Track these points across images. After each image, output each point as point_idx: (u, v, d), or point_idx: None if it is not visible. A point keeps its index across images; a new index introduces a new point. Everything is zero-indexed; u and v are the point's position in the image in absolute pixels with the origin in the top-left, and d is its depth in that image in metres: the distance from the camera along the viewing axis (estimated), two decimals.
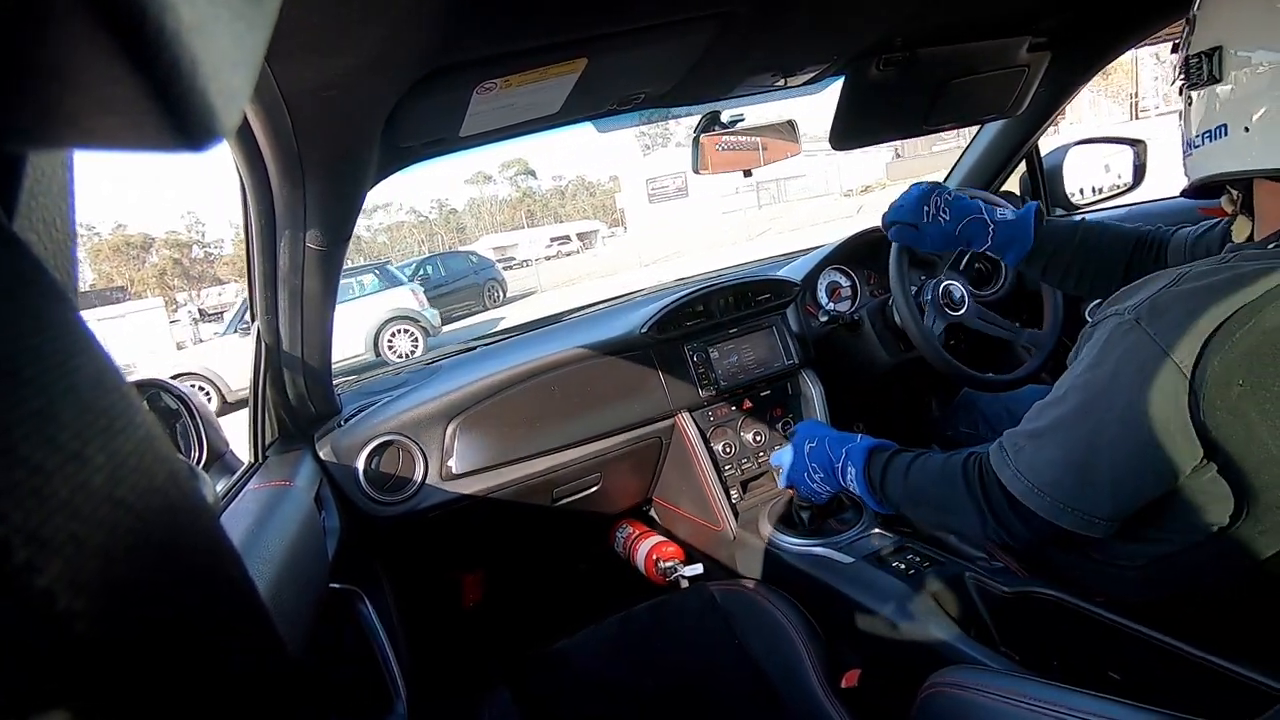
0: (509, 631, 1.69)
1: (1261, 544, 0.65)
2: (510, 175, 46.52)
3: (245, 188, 0.81)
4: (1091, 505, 0.70)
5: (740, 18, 0.79)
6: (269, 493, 0.92)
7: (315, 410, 1.23)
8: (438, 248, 37.79)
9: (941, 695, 0.79)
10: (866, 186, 22.42)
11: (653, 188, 24.92)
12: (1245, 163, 0.67)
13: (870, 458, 0.97)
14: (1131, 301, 0.68)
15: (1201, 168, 0.73)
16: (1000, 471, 0.77)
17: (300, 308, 1.01)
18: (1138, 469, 0.67)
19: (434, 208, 47.23)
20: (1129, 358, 0.66)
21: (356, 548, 1.26)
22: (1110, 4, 1.14)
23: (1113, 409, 0.67)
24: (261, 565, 0.69)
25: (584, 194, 46.63)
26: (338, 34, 0.53)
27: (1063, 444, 0.71)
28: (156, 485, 0.17)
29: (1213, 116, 0.69)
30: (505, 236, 28.39)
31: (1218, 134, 0.69)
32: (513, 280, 15.73)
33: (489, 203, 46.46)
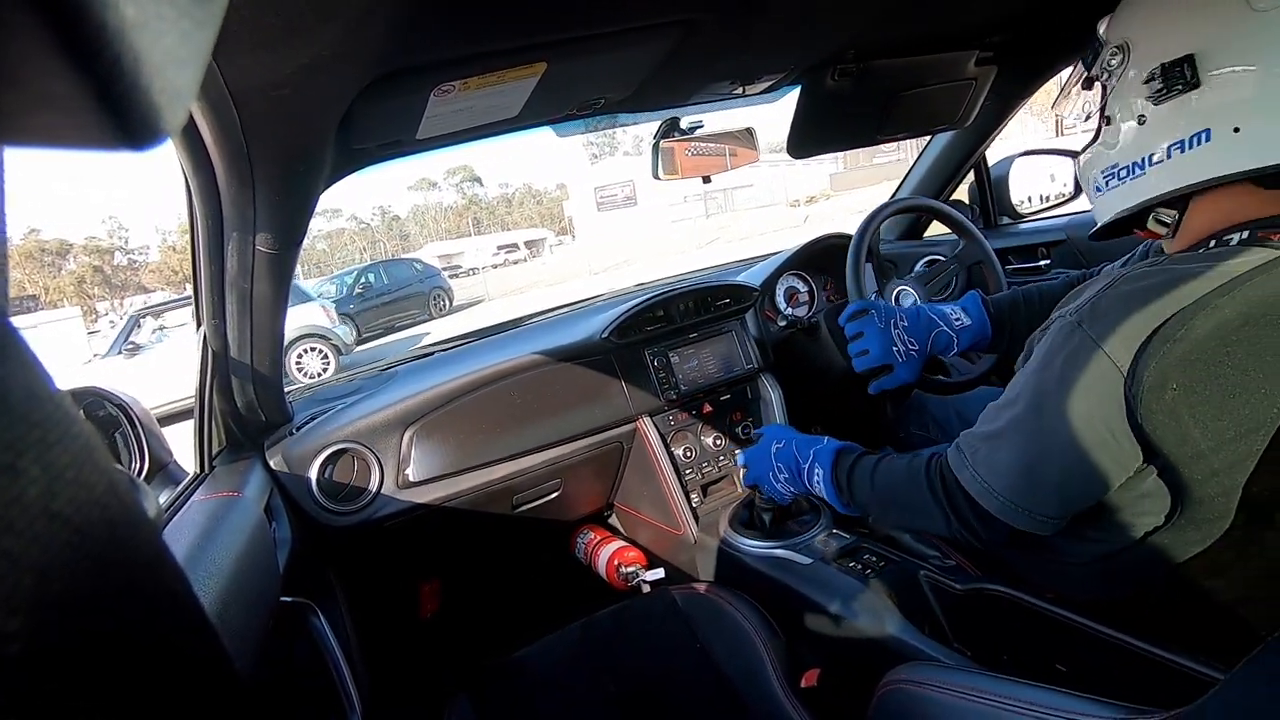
0: (468, 641, 1.67)
1: (1194, 539, 0.68)
2: (456, 182, 45.92)
3: (191, 189, 0.78)
4: (1042, 506, 0.72)
5: (700, 26, 0.80)
6: (216, 504, 0.88)
7: (265, 418, 1.20)
8: (380, 256, 37.15)
9: (898, 692, 0.81)
10: (812, 197, 23.03)
11: (601, 196, 24.99)
12: (1232, 165, 0.68)
13: (837, 460, 0.99)
14: (1075, 304, 0.70)
15: (1160, 184, 0.74)
16: (959, 473, 0.79)
17: (250, 312, 0.98)
18: (1084, 469, 0.69)
19: (376, 214, 46.17)
20: (1072, 359, 0.68)
21: (309, 559, 1.22)
22: (1050, 23, 1.19)
23: (1059, 411, 0.69)
24: (208, 579, 0.66)
25: (531, 202, 46.33)
26: (290, 32, 0.52)
27: (1015, 446, 0.74)
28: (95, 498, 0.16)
29: (1190, 124, 0.70)
30: (451, 244, 28.17)
31: (1195, 142, 0.70)
32: (460, 289, 15.51)
33: (434, 210, 45.72)
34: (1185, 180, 0.72)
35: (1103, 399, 0.66)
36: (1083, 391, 0.67)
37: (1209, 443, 0.62)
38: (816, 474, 1.01)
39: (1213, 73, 0.67)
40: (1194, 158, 0.70)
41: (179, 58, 0.15)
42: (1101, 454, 0.68)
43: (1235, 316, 0.60)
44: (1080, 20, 1.21)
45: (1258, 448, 0.62)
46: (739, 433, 1.57)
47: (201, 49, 0.16)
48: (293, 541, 1.07)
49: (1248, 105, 0.66)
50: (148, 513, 0.19)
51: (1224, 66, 0.66)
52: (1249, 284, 0.60)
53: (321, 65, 0.58)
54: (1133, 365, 0.63)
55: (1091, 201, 0.85)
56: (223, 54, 0.52)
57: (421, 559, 1.64)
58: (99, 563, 0.16)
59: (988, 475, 0.75)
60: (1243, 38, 0.65)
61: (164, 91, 0.14)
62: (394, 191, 52.90)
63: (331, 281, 12.48)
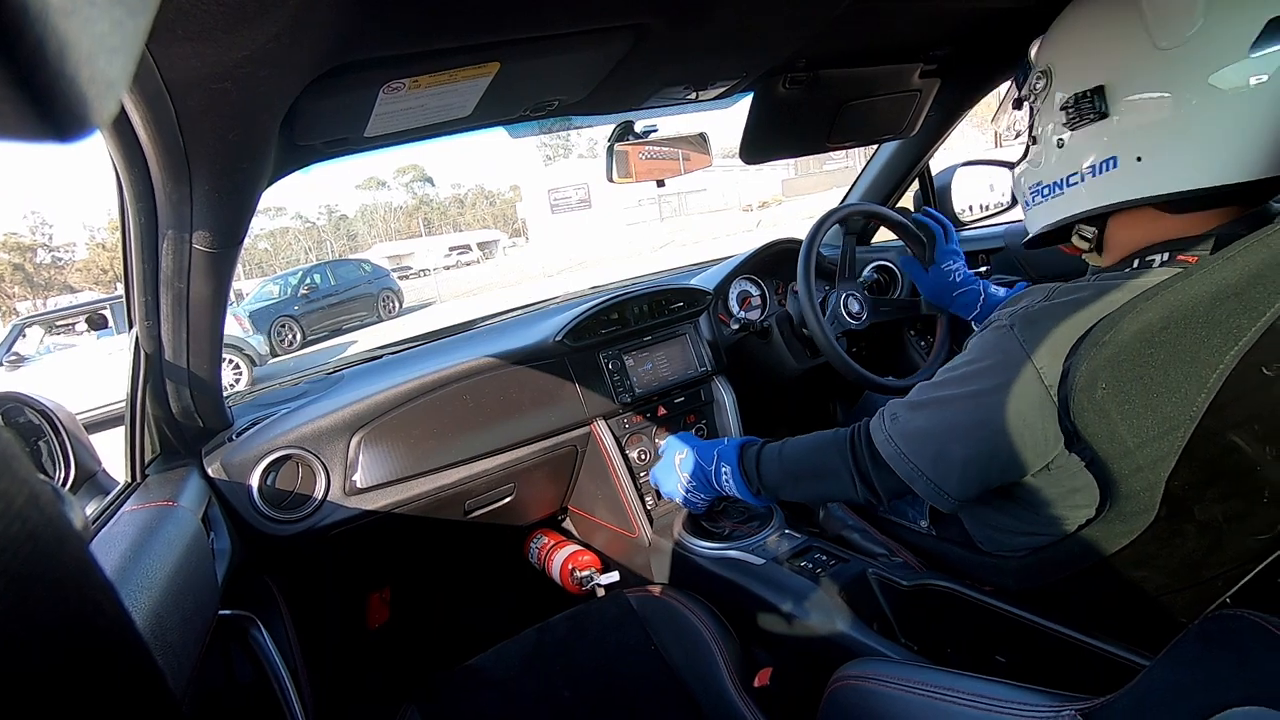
0: (420, 649, 1.63)
1: (1121, 531, 0.72)
2: (406, 181, 45.08)
3: (122, 184, 0.74)
4: (942, 479, 0.78)
5: (653, 31, 0.81)
6: (149, 514, 0.84)
7: (203, 424, 1.15)
8: (326, 256, 36.22)
9: (847, 687, 0.83)
10: (764, 202, 23.59)
11: (555, 198, 24.87)
12: (1136, 191, 0.73)
13: (742, 453, 1.04)
14: (1010, 309, 0.75)
15: (1078, 203, 0.79)
16: (875, 434, 0.86)
17: (186, 313, 0.94)
18: (986, 456, 0.75)
19: (322, 213, 44.89)
20: (999, 358, 0.73)
21: (251, 570, 1.18)
22: (988, 40, 1.24)
23: (975, 399, 0.74)
24: (140, 594, 0.63)
25: (484, 203, 45.81)
26: (231, 22, 0.50)
27: (930, 419, 0.79)
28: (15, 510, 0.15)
29: (1100, 151, 0.75)
30: (401, 245, 27.79)
31: (1104, 168, 0.75)
32: (410, 290, 15.30)
33: (383, 209, 44.74)
34: (1096, 203, 0.77)
35: (1019, 397, 0.70)
36: (1004, 389, 0.71)
37: (1135, 439, 0.66)
38: (724, 471, 1.05)
39: (1120, 104, 0.72)
40: (1103, 182, 0.76)
41: (110, 46, 0.14)
42: (1006, 446, 0.72)
43: (1157, 320, 0.64)
44: (1016, 39, 1.27)
45: (1178, 444, 0.66)
46: (693, 435, 1.58)
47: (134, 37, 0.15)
48: (232, 552, 1.03)
49: (1150, 136, 0.71)
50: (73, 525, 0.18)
51: (1129, 99, 0.71)
52: (1169, 290, 0.64)
53: (265, 58, 0.56)
54: (1062, 370, 0.67)
55: (1024, 214, 0.90)
56: (158, 43, 0.49)
57: (370, 567, 1.59)
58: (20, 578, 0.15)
59: (899, 439, 0.81)
60: (1146, 73, 0.70)
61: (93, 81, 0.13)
62: (341, 190, 51.64)
63: (275, 282, 11.98)
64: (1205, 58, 0.65)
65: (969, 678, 0.71)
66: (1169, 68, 0.68)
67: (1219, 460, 0.68)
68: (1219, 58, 0.65)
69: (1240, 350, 0.64)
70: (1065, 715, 0.59)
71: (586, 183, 24.34)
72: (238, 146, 0.70)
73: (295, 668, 1.04)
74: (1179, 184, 0.70)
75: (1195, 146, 0.68)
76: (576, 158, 30.67)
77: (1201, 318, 0.63)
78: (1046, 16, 0.82)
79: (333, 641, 1.46)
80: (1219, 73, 0.65)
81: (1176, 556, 0.72)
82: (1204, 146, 0.68)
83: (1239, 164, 0.67)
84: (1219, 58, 0.65)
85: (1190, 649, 0.53)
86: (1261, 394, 0.67)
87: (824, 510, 1.28)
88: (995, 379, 0.73)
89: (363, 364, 1.58)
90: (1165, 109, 0.69)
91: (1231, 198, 0.69)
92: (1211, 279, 0.63)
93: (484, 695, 1.20)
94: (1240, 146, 0.66)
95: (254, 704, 0.93)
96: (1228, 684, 0.48)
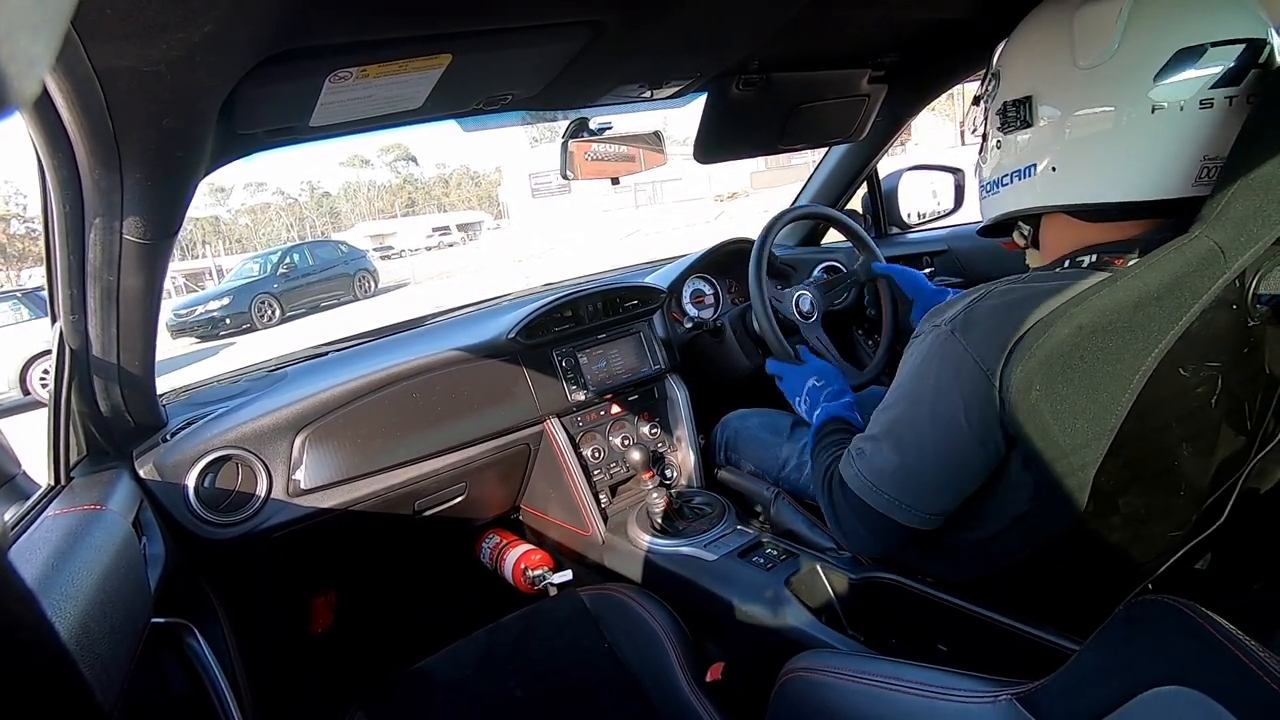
0: (367, 653, 1.59)
1: (1054, 525, 0.76)
2: (390, 160, 43.93)
3: (44, 168, 0.70)
4: (920, 502, 0.78)
5: (608, 28, 0.81)
6: (74, 519, 0.80)
7: (134, 423, 1.09)
8: (308, 233, 35.18)
9: (796, 679, 0.85)
10: (733, 194, 23.85)
11: (536, 182, 24.78)
12: (1049, 199, 0.77)
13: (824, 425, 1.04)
14: (948, 314, 0.76)
15: (1008, 203, 0.83)
16: (845, 473, 0.85)
17: (116, 307, 0.89)
18: (957, 468, 0.75)
19: (305, 190, 43.45)
20: (946, 366, 0.74)
21: (186, 576, 1.13)
22: (932, 48, 1.28)
23: (934, 413, 0.75)
24: (64, 602, 0.60)
25: (470, 183, 45.05)
26: (165, 2, 0.48)
27: (895, 447, 0.79)
28: None
29: (1022, 158, 0.79)
30: (383, 224, 27.26)
31: (1026, 173, 0.79)
32: (392, 270, 15.60)
33: (366, 188, 43.53)
34: (1019, 205, 0.82)
35: (972, 400, 0.71)
36: (954, 394, 0.73)
37: (1066, 438, 0.69)
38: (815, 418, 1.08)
39: (1041, 116, 0.76)
40: (1025, 187, 0.80)
41: (30, 24, 0.13)
42: (972, 454, 0.74)
43: (1087, 324, 0.67)
44: (961, 48, 1.32)
45: (1105, 443, 0.69)
46: (647, 432, 1.59)
47: (58, 15, 0.14)
48: (166, 557, 0.98)
49: (1065, 149, 0.75)
50: None
51: (1050, 112, 0.75)
52: (1097, 295, 0.68)
53: (202, 42, 0.53)
54: (1001, 369, 0.69)
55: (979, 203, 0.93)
56: (85, 23, 0.47)
57: (314, 569, 1.55)
58: None
59: (870, 474, 0.81)
60: (1065, 89, 0.74)
61: (12, 59, 0.13)
62: (324, 166, 50.02)
63: (255, 261, 12.15)
64: (1118, 80, 0.69)
65: (912, 666, 0.73)
66: (1086, 86, 0.72)
67: (1142, 457, 0.72)
68: (1130, 81, 0.69)
69: (1160, 352, 0.67)
70: (1002, 699, 0.61)
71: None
72: (173, 133, 0.67)
73: (234, 676, 1.00)
74: (1089, 196, 0.74)
75: (1105, 163, 0.72)
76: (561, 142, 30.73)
77: (1125, 322, 0.67)
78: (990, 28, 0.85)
79: (273, 647, 1.42)
80: (1130, 96, 0.69)
81: (1104, 547, 0.76)
82: (1113, 163, 0.72)
83: (1147, 183, 0.71)
84: (1130, 81, 0.69)
85: (1116, 633, 0.56)
86: (1180, 394, 0.71)
87: (774, 506, 1.30)
88: (944, 388, 0.74)
89: (306, 361, 1.53)
90: (1080, 125, 0.73)
91: (1143, 212, 0.73)
92: (1135, 285, 0.67)
93: (434, 697, 1.18)
94: (1148, 166, 0.70)
95: (190, 715, 0.90)
96: (1150, 665, 0.51)
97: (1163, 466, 0.74)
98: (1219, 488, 0.78)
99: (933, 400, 0.75)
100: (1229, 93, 0.67)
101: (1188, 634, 0.51)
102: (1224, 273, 0.67)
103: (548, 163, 25.13)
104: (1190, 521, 0.78)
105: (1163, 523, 0.77)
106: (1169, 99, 0.67)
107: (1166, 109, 0.68)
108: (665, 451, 1.60)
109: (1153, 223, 0.74)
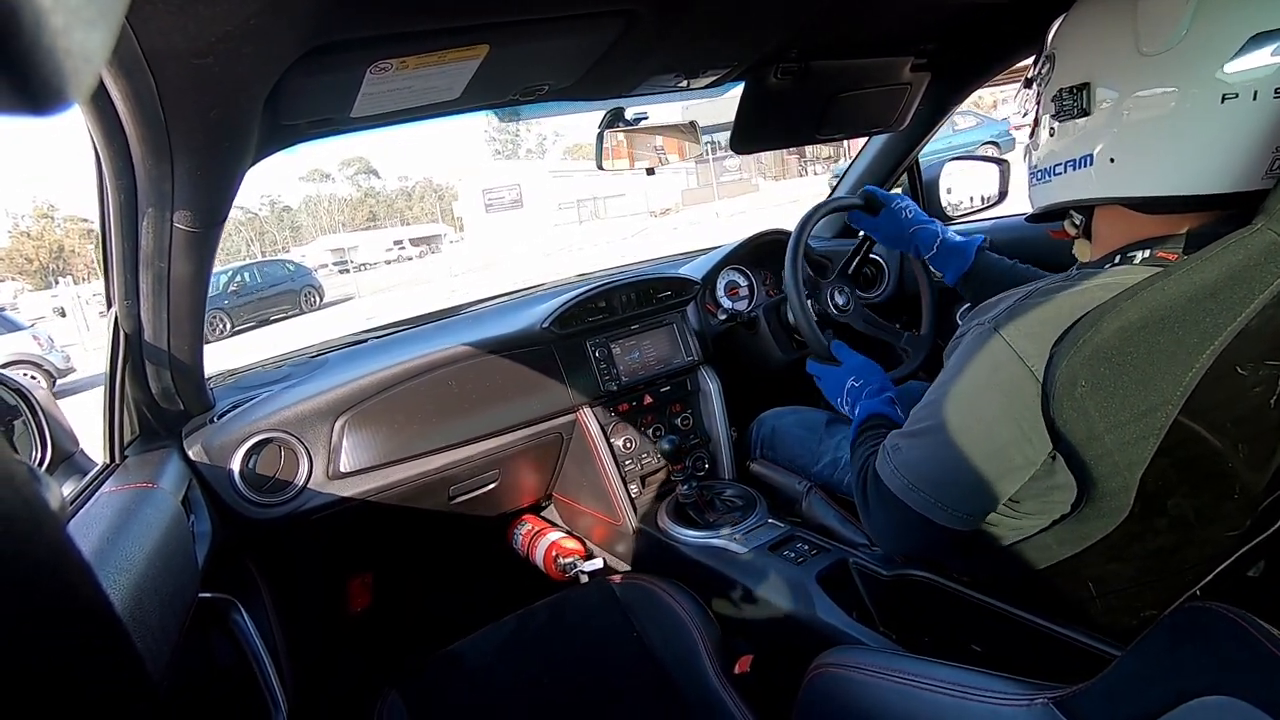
0: (401, 635, 1.63)
1: (1097, 527, 0.73)
2: (350, 174, 44.51)
3: (100, 160, 0.73)
4: (959, 501, 0.76)
5: (643, 17, 0.80)
6: (128, 495, 0.83)
7: (183, 406, 1.13)
8: (269, 247, 36.92)
9: (826, 675, 0.84)
10: (666, 209, 24.62)
11: (489, 198, 25.85)
12: (1107, 190, 0.74)
13: (863, 423, 1.02)
14: (992, 312, 0.74)
15: (1060, 193, 0.80)
16: (881, 469, 0.83)
17: (167, 293, 0.92)
18: (998, 467, 0.73)
19: (265, 204, 44.26)
20: (989, 363, 0.72)
21: (232, 554, 1.17)
22: (977, 35, 1.24)
23: (976, 411, 0.73)
24: (118, 576, 0.63)
25: (432, 196, 45.37)
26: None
27: (935, 445, 0.77)
28: None
29: (1078, 147, 0.75)
30: (344, 238, 28.56)
31: (1082, 164, 0.75)
32: (346, 285, 17.55)
33: (327, 201, 44.27)
34: (1074, 196, 0.78)
35: (1015, 398, 0.69)
36: (997, 392, 0.71)
37: (1112, 437, 0.67)
38: (856, 412, 1.06)
39: (1100, 104, 0.72)
40: (1080, 177, 0.76)
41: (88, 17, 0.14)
42: (1014, 452, 0.71)
43: (1136, 319, 0.64)
44: (1005, 35, 1.28)
45: (1154, 442, 0.67)
46: (678, 424, 1.58)
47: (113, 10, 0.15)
48: (213, 535, 1.02)
49: (1125, 139, 0.71)
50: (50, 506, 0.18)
51: (1109, 100, 0.72)
52: (1149, 289, 0.65)
53: (248, 34, 0.55)
54: (1046, 366, 0.67)
55: (1028, 190, 0.90)
56: (139, 16, 0.48)
57: (352, 552, 1.59)
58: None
59: (907, 471, 0.79)
60: (1127, 76, 0.70)
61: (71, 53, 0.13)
62: (284, 181, 51.00)
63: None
64: (1186, 67, 0.66)
65: (945, 666, 0.72)
66: (1150, 74, 0.68)
67: (1193, 459, 0.69)
68: (1200, 68, 0.65)
69: (1216, 350, 0.65)
70: (1038, 703, 0.60)
71: (519, 184, 25.47)
72: (220, 124, 0.69)
73: (276, 651, 1.03)
74: (1149, 189, 0.71)
75: (1170, 154, 0.69)
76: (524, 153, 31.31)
77: (1179, 317, 0.64)
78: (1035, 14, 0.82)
79: (313, 625, 1.46)
80: (1198, 84, 0.65)
81: (1149, 551, 0.74)
82: (1178, 155, 0.68)
83: (1215, 175, 0.67)
84: (1200, 68, 0.65)
85: (1160, 640, 0.54)
86: (1235, 394, 0.68)
87: (806, 500, 1.29)
88: (987, 386, 0.72)
89: (347, 347, 1.56)
90: (1142, 114, 0.69)
91: (1206, 205, 0.70)
92: (1190, 279, 0.64)
93: (464, 681, 1.20)
94: (1216, 158, 0.67)
95: (234, 686, 0.93)
96: (1195, 675, 0.50)
97: (1215, 469, 0.71)
98: (1275, 491, 0.75)
99: (974, 397, 0.73)
100: None
101: (1237, 642, 0.49)
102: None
103: (503, 177, 26.12)
104: (1243, 526, 0.75)
105: (1213, 527, 0.74)
106: (1241, 87, 0.64)
107: (1238, 98, 0.64)
108: (697, 443, 1.60)
109: (1211, 215, 0.71)
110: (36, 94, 0.13)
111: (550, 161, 33.89)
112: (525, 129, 13.03)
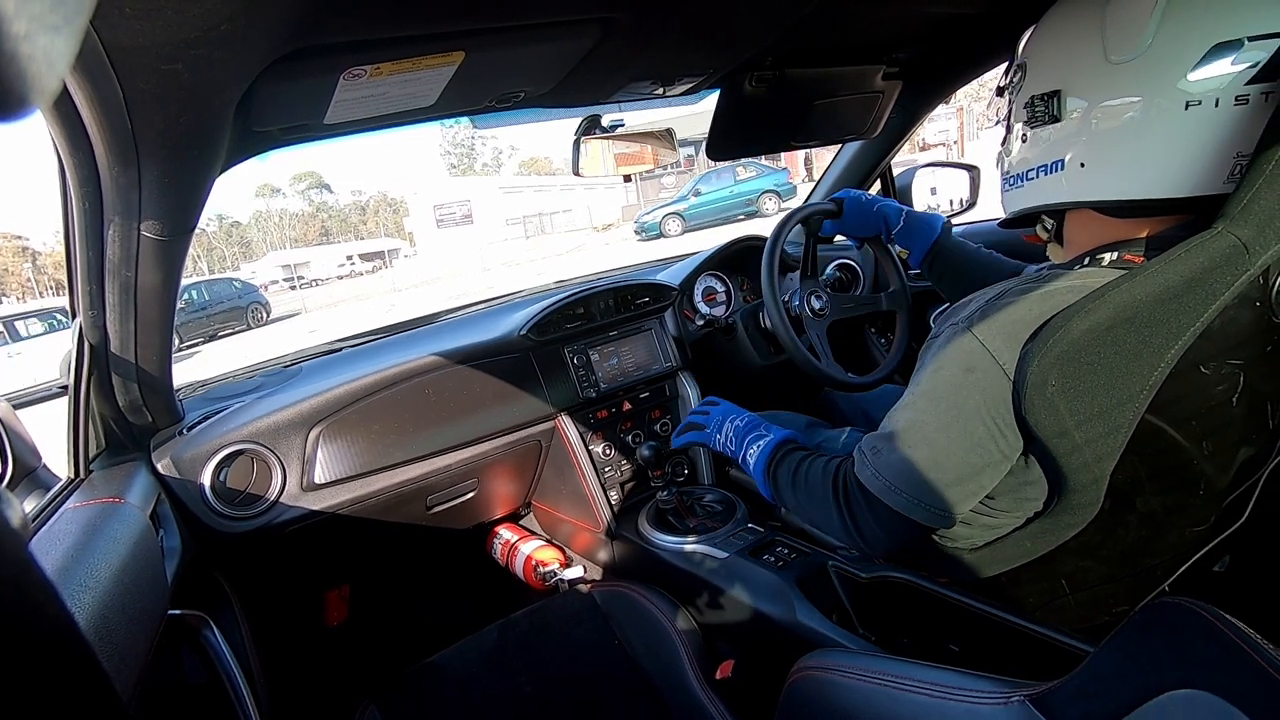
0: (380, 648, 1.61)
1: (1068, 523, 0.75)
2: (302, 189, 44.03)
3: (65, 167, 0.71)
4: (939, 500, 0.77)
5: (620, 25, 0.80)
6: (93, 511, 0.81)
7: (151, 419, 1.11)
8: (216, 263, 37.35)
9: (807, 678, 0.84)
10: (609, 224, 25.26)
11: (440, 213, 26.31)
12: (1077, 194, 0.76)
13: (774, 453, 1.00)
14: (965, 313, 0.76)
15: (1033, 198, 0.82)
16: (860, 473, 0.83)
17: (134, 303, 0.90)
18: (974, 465, 0.74)
19: (212, 220, 43.61)
20: (963, 362, 0.73)
21: (202, 569, 1.14)
22: (948, 44, 1.27)
23: (953, 410, 0.74)
24: (83, 594, 0.61)
25: (386, 210, 45.18)
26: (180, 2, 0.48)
27: (913, 445, 0.78)
28: None
29: (1050, 153, 0.77)
30: (296, 254, 28.83)
31: (1054, 168, 0.77)
32: (296, 301, 18.06)
33: (278, 216, 43.76)
34: (1045, 200, 0.80)
35: (989, 395, 0.71)
36: (972, 390, 0.72)
37: (1082, 434, 0.68)
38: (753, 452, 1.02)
39: (1071, 111, 0.74)
40: (1051, 182, 0.78)
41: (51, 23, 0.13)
42: (991, 447, 0.73)
43: (1104, 320, 0.66)
44: (976, 44, 1.31)
45: (1123, 439, 0.68)
46: (657, 430, 1.58)
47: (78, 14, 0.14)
48: (183, 550, 1.00)
49: (1093, 145, 0.73)
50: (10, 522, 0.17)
51: (1078, 107, 0.74)
52: (1115, 290, 0.67)
53: (219, 39, 0.54)
54: (1018, 365, 0.69)
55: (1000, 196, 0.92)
56: (104, 21, 0.47)
57: (328, 564, 1.56)
58: None
59: (888, 473, 0.79)
60: (1096, 83, 0.72)
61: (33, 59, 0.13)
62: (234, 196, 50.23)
63: None
64: (1152, 75, 0.68)
65: (924, 666, 0.73)
66: (1118, 82, 0.70)
67: (1160, 455, 0.71)
68: (1165, 76, 0.67)
69: (1180, 349, 0.66)
70: (1014, 700, 0.61)
71: (469, 199, 25.96)
72: (190, 131, 0.67)
73: (249, 667, 1.01)
74: (1118, 193, 0.73)
75: (1137, 159, 0.71)
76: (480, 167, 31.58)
77: (1145, 318, 0.66)
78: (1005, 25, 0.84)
79: (288, 640, 1.43)
80: (1163, 91, 0.67)
81: (1119, 547, 0.75)
82: (1145, 160, 0.70)
83: (1179, 180, 0.69)
84: (1165, 76, 0.67)
85: (1131, 636, 0.56)
86: (1200, 392, 0.70)
87: None
88: (962, 385, 0.73)
89: (321, 357, 1.54)
90: (1111, 120, 0.71)
91: (1171, 209, 0.72)
92: (1155, 281, 0.66)
93: (445, 692, 1.19)
94: (1180, 163, 0.69)
95: (207, 705, 0.91)
96: (1166, 668, 0.51)
97: (1181, 465, 0.73)
98: (1239, 487, 0.77)
99: (949, 397, 0.74)
100: (1265, 88, 0.65)
101: (1204, 637, 0.50)
102: (1247, 269, 0.66)
103: (456, 193, 26.61)
104: (1209, 521, 0.77)
105: (1180, 522, 0.76)
106: (1204, 94, 0.66)
107: (1201, 105, 0.66)
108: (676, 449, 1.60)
109: (1176, 219, 0.73)
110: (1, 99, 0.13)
111: (504, 177, 34.03)
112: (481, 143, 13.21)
